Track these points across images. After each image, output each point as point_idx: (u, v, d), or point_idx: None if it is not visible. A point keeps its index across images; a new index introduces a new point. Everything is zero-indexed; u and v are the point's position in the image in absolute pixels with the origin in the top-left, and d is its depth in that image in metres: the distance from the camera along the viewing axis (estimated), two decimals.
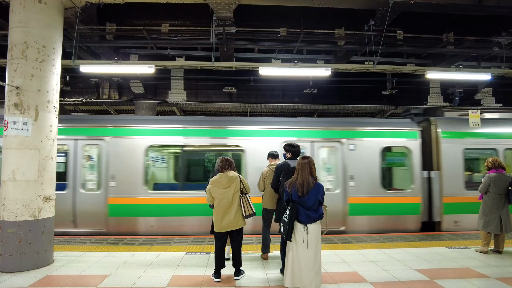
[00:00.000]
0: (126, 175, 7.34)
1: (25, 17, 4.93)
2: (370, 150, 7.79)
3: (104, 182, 7.35)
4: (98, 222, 7.27)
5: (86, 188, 7.43)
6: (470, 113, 8.07)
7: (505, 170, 5.83)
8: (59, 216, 6.81)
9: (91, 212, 7.25)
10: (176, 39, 9.12)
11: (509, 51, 9.12)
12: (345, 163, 7.71)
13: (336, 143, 7.84)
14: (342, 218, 7.57)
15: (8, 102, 4.87)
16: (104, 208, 7.26)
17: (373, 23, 7.82)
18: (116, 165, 7.37)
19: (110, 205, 7.26)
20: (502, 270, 4.90)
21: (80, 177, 7.40)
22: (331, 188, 7.73)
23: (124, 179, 7.32)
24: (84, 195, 7.34)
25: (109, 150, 7.43)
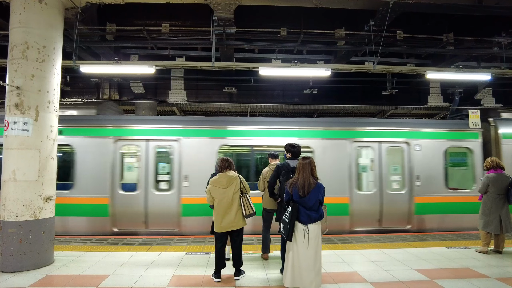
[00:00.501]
0: (199, 175, 7.32)
1: (25, 17, 4.94)
2: (435, 151, 7.97)
3: (177, 182, 7.47)
4: (171, 222, 7.36)
5: (158, 188, 7.58)
6: (470, 113, 8.08)
7: (504, 170, 5.83)
8: (130, 217, 7.24)
9: (164, 212, 7.36)
10: (176, 39, 9.13)
11: (509, 51, 9.13)
12: (411, 164, 7.87)
13: (403, 144, 7.99)
14: (408, 217, 7.75)
15: (9, 102, 4.88)
16: (177, 208, 7.38)
17: (373, 23, 7.83)
18: (190, 166, 7.49)
19: (183, 205, 7.39)
20: (502, 270, 4.91)
21: (152, 177, 7.54)
22: (398, 188, 7.87)
23: (197, 179, 7.35)
24: (157, 195, 7.47)
25: (182, 151, 7.56)
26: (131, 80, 11.83)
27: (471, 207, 7.63)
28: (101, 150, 7.43)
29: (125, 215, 7.32)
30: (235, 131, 7.79)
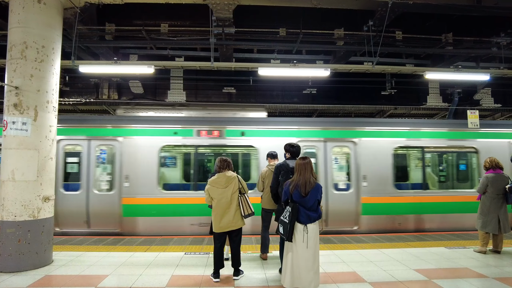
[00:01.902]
0: (377, 175, 7.66)
1: (24, 17, 4.93)
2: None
3: (355, 182, 7.66)
4: (349, 220, 7.58)
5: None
6: (469, 113, 8.09)
7: (503, 170, 5.85)
8: None
9: (342, 210, 7.57)
10: (175, 40, 9.13)
11: (507, 51, 9.15)
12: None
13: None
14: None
15: (7, 102, 4.87)
16: (356, 207, 7.57)
17: (372, 23, 7.85)
18: (367, 166, 7.66)
19: (363, 204, 7.60)
20: (500, 270, 4.91)
21: (331, 177, 7.69)
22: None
23: (376, 180, 7.65)
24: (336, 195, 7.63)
25: (359, 152, 7.75)
26: (130, 80, 11.83)
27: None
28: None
29: None
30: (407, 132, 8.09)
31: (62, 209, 7.15)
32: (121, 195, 7.26)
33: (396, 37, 9.47)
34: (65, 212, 7.19)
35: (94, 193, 7.32)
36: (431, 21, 9.43)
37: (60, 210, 7.11)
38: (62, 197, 7.20)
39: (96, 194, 7.32)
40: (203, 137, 7.56)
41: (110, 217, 7.25)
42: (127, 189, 7.26)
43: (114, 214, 7.25)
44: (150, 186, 7.29)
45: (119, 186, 7.29)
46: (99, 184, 7.41)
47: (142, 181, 7.29)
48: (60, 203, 7.09)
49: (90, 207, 7.27)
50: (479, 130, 8.14)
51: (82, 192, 7.31)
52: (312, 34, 8.83)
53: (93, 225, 7.28)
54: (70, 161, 7.50)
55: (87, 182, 7.34)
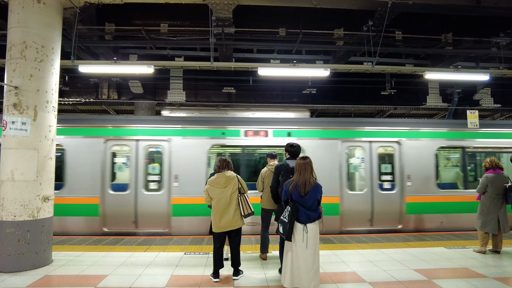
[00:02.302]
0: (420, 175, 7.81)
1: (24, 17, 4.93)
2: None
3: (399, 182, 7.79)
4: (393, 219, 7.73)
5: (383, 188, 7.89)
6: (469, 113, 8.10)
7: (503, 170, 5.85)
8: (356, 216, 7.60)
9: (387, 210, 7.73)
10: (175, 39, 9.12)
11: (507, 51, 9.15)
12: None
13: None
14: None
15: (7, 102, 4.87)
16: (400, 206, 7.73)
17: (372, 23, 7.84)
18: (412, 166, 7.83)
19: (407, 203, 7.71)
20: (500, 270, 4.92)
21: (377, 177, 7.85)
22: None
23: (419, 179, 7.80)
24: (381, 194, 7.79)
25: (404, 152, 7.90)
26: (130, 80, 11.82)
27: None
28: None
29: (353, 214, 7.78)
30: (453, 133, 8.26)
31: (110, 210, 7.22)
32: (170, 195, 7.30)
33: (395, 37, 9.46)
34: (113, 213, 7.24)
35: (142, 193, 7.35)
36: (430, 21, 9.43)
37: (108, 211, 7.19)
38: (110, 197, 7.26)
39: (145, 194, 7.35)
40: (250, 138, 7.69)
41: (159, 217, 7.29)
42: (176, 189, 7.32)
43: (163, 214, 7.29)
44: (200, 186, 7.32)
45: (168, 186, 7.34)
46: (148, 184, 7.47)
47: (191, 181, 7.33)
48: (107, 204, 7.17)
49: (139, 207, 7.30)
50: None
51: (131, 192, 7.34)
52: (312, 34, 8.83)
53: (141, 225, 7.32)
54: (117, 161, 7.61)
55: (136, 182, 7.37)
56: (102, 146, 7.37)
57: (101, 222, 7.22)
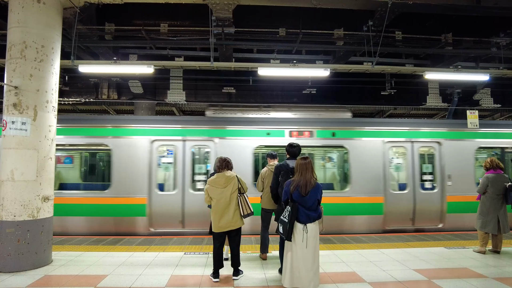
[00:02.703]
0: (460, 175, 7.96)
1: (24, 17, 4.93)
2: None
3: (440, 181, 7.93)
4: (434, 218, 7.86)
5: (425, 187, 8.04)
6: (469, 113, 8.10)
7: (503, 171, 5.85)
8: (399, 215, 7.68)
9: (428, 209, 7.84)
10: (175, 39, 9.12)
11: (507, 51, 9.15)
12: None
13: None
14: None
15: (7, 102, 4.87)
16: (441, 205, 7.85)
17: (372, 23, 7.83)
18: (452, 166, 7.96)
19: (449, 203, 7.84)
20: (500, 270, 4.92)
21: (418, 177, 7.99)
22: None
23: (459, 179, 7.95)
24: (423, 194, 7.91)
25: (444, 152, 8.02)
26: (130, 80, 11.82)
27: None
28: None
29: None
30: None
31: (157, 210, 7.34)
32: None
33: (395, 37, 9.46)
34: (160, 213, 7.35)
35: (190, 193, 7.50)
36: (430, 21, 9.43)
37: (155, 211, 7.31)
38: (157, 197, 7.35)
39: (192, 193, 7.50)
40: (294, 138, 7.76)
41: (202, 216, 7.37)
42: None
43: (204, 214, 7.34)
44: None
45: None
46: (196, 184, 7.65)
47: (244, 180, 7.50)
48: (154, 204, 7.31)
49: (186, 207, 7.43)
50: None
51: (178, 192, 7.46)
52: (311, 34, 8.82)
53: (188, 225, 7.45)
54: (164, 161, 7.76)
55: (183, 182, 7.46)
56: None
57: (149, 222, 7.38)
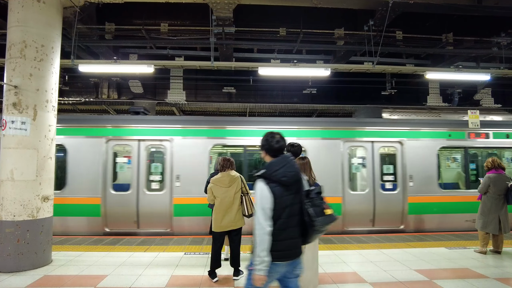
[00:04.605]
0: None
1: (23, 16, 4.91)
2: None
3: None
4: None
5: None
6: (470, 113, 8.08)
7: (505, 171, 5.83)
8: None
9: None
10: (175, 39, 9.11)
11: (508, 51, 9.13)
12: None
13: None
14: None
15: (7, 101, 4.85)
16: None
17: (373, 23, 7.82)
18: None
19: None
20: (501, 270, 4.91)
21: None
22: None
23: None
24: None
25: None
26: (130, 79, 11.81)
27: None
28: None
29: None
30: None
31: (350, 209, 7.53)
32: (405, 194, 7.67)
33: (396, 37, 9.44)
34: (353, 212, 7.55)
35: (380, 193, 7.68)
36: (431, 21, 9.41)
37: (348, 210, 7.51)
38: (350, 197, 7.56)
39: (382, 194, 7.68)
40: (473, 139, 8.16)
41: (394, 215, 7.67)
42: (412, 188, 7.71)
43: (398, 212, 7.67)
44: (432, 185, 7.77)
45: (403, 186, 7.72)
46: (384, 184, 7.82)
47: (424, 180, 7.75)
48: (347, 203, 7.51)
49: (376, 206, 7.64)
50: None
51: (369, 192, 7.66)
52: (312, 33, 8.81)
53: (377, 224, 7.63)
54: (353, 162, 7.97)
55: (373, 182, 7.72)
56: None
57: None
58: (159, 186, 7.43)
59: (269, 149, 2.67)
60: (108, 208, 7.23)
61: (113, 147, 7.45)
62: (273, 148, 2.64)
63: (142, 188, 7.31)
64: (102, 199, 7.18)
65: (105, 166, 7.28)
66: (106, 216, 7.21)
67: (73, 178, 7.22)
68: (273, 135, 2.68)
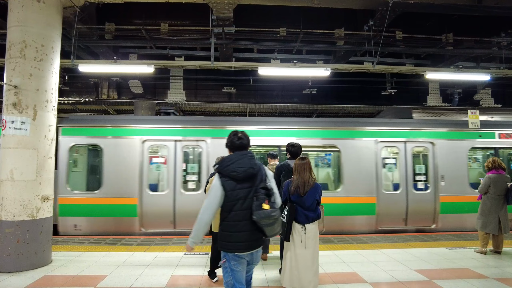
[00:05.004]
0: None
1: (23, 16, 4.91)
2: None
3: None
4: None
5: None
6: (470, 113, 8.07)
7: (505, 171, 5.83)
8: None
9: None
10: (175, 39, 9.11)
11: (508, 51, 9.14)
12: None
13: None
14: None
15: (6, 101, 4.84)
16: None
17: (373, 23, 7.83)
18: None
19: None
20: (501, 270, 4.90)
21: None
22: None
23: None
24: None
25: None
26: (130, 79, 11.81)
27: None
28: None
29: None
30: None
31: (384, 208, 7.62)
32: (437, 193, 7.78)
33: (396, 37, 9.45)
34: (387, 211, 7.65)
35: (412, 192, 7.79)
36: (431, 21, 9.42)
37: (382, 209, 7.59)
38: (383, 197, 7.65)
39: (414, 193, 7.80)
40: (503, 139, 8.25)
41: (426, 214, 7.75)
42: (444, 188, 7.77)
43: (430, 211, 7.77)
44: (463, 185, 7.83)
45: (435, 186, 7.81)
46: (416, 184, 7.93)
47: (456, 180, 7.82)
48: (381, 203, 7.61)
49: (409, 205, 7.73)
50: None
51: (402, 192, 7.77)
52: (312, 33, 8.81)
53: (410, 223, 7.72)
54: (386, 162, 8.06)
55: (405, 182, 7.83)
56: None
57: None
58: (195, 186, 7.50)
59: (230, 146, 2.90)
60: (144, 208, 7.23)
61: (149, 147, 7.47)
62: (234, 145, 2.87)
63: (179, 188, 7.34)
64: (138, 199, 7.20)
65: (141, 167, 7.31)
66: (142, 216, 7.22)
67: (108, 178, 7.24)
68: (236, 133, 2.90)
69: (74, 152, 7.64)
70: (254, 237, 2.75)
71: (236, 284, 2.72)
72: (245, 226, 2.69)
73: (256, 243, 2.77)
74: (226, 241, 2.70)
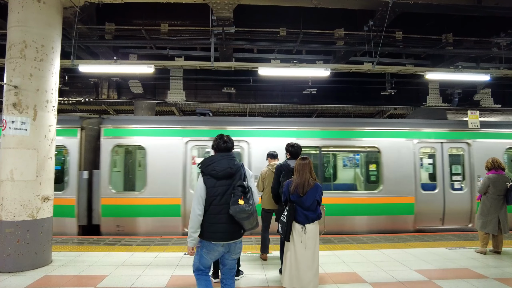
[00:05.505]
0: None
1: (23, 16, 4.91)
2: None
3: None
4: None
5: None
6: (469, 113, 8.08)
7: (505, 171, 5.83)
8: None
9: None
10: (175, 39, 9.11)
11: (508, 52, 9.15)
12: None
13: None
14: None
15: (7, 101, 4.85)
16: None
17: (373, 23, 7.83)
18: None
19: None
20: (501, 270, 4.91)
21: None
22: None
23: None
24: None
25: None
26: (130, 80, 11.81)
27: None
28: None
29: None
30: None
31: (422, 208, 7.69)
32: (473, 193, 7.78)
33: (396, 37, 9.46)
34: (424, 211, 7.72)
35: (449, 192, 7.88)
36: (431, 21, 9.42)
37: (420, 209, 7.66)
38: (421, 196, 7.72)
39: (451, 193, 7.89)
40: None
41: (462, 214, 7.82)
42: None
43: (466, 211, 7.82)
44: None
45: (471, 186, 7.85)
46: (453, 184, 8.04)
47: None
48: (419, 202, 7.68)
49: (446, 205, 7.81)
50: None
51: (439, 191, 7.84)
52: (312, 34, 8.82)
53: (446, 222, 7.82)
54: (426, 162, 8.24)
55: (443, 182, 7.90)
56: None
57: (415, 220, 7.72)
58: None
59: (216, 148, 3.26)
60: (188, 208, 7.17)
61: (191, 148, 7.49)
62: (219, 147, 3.22)
63: None
64: (182, 199, 7.20)
65: (184, 167, 7.31)
66: (186, 217, 7.18)
67: (152, 178, 7.24)
68: (222, 137, 3.25)
69: (115, 153, 7.65)
70: (232, 229, 3.05)
71: (200, 266, 3.15)
72: (222, 219, 3.01)
73: (233, 235, 3.07)
74: (205, 230, 3.02)
